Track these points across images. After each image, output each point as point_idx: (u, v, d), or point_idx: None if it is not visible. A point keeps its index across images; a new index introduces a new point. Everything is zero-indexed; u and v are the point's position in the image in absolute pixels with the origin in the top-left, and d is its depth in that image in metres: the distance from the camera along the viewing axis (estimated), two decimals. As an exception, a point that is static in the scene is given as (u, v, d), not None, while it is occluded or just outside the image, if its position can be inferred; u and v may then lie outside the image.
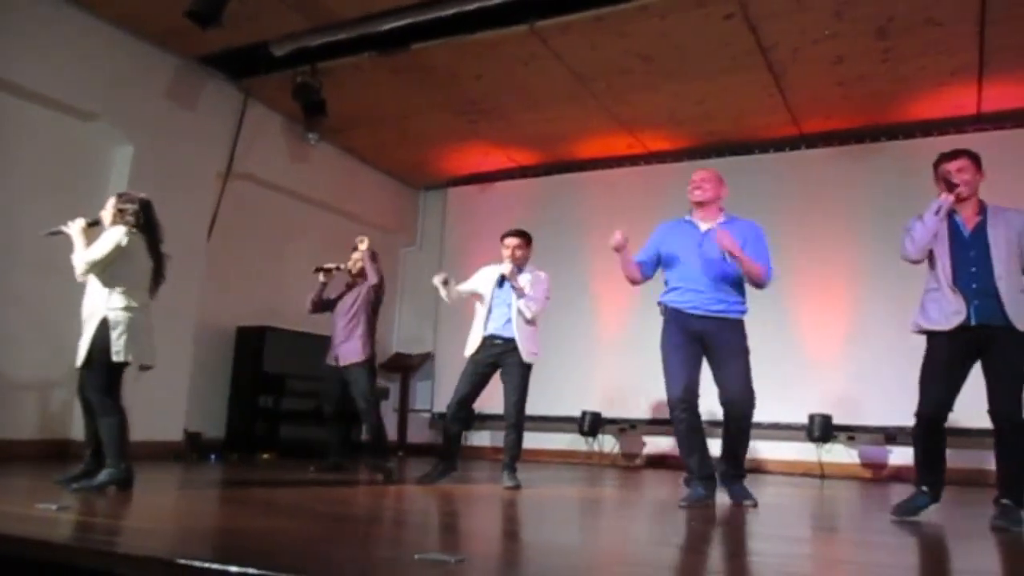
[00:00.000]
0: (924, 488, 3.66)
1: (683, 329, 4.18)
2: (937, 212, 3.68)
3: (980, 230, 3.67)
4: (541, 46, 6.46)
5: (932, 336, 3.69)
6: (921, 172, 4.16)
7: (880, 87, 6.90)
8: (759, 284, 4.18)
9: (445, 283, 5.10)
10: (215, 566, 2.01)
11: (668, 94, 7.23)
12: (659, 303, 4.33)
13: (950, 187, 3.68)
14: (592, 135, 8.31)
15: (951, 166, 3.74)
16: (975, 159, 3.76)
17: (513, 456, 5.01)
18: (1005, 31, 5.91)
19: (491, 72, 6.98)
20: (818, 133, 7.89)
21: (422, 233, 10.13)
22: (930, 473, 3.68)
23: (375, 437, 5.70)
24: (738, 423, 4.11)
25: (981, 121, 7.31)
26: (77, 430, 6.10)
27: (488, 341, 5.05)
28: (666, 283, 4.35)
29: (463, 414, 5.12)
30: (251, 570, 1.96)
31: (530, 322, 5.02)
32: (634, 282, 4.43)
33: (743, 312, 4.21)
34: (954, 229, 3.72)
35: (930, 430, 3.66)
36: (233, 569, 1.97)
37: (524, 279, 5.04)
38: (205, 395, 7.24)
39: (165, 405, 6.64)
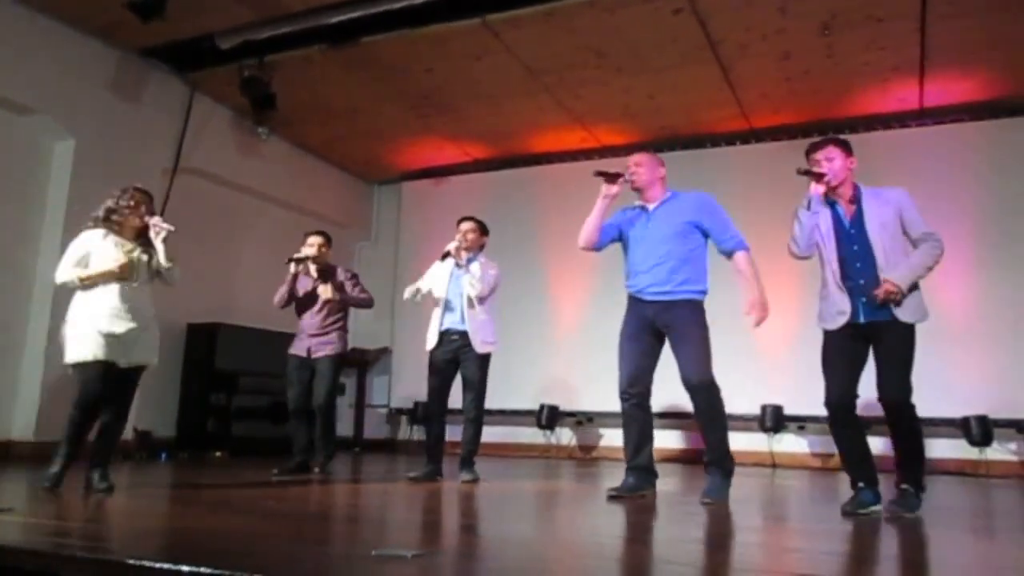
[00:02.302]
0: (861, 485, 3.63)
1: (638, 316, 4.14)
2: (808, 207, 3.71)
3: (858, 220, 3.66)
4: (493, 40, 6.45)
5: (825, 333, 3.73)
6: (866, 167, 4.22)
7: (825, 82, 7.04)
8: (748, 254, 4.11)
9: (416, 292, 5.07)
10: (166, 566, 1.97)
11: (620, 88, 7.28)
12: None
13: (817, 177, 3.68)
14: (545, 129, 8.33)
15: (818, 155, 3.73)
16: (842, 145, 3.74)
17: (471, 450, 5.00)
18: (945, 28, 6.07)
19: (443, 66, 6.95)
20: (767, 128, 8.02)
21: (377, 228, 10.06)
22: (859, 468, 3.65)
23: (328, 430, 5.59)
24: (698, 407, 4.02)
25: (923, 116, 7.51)
26: (19, 430, 6.00)
27: (446, 336, 5.02)
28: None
29: (439, 413, 5.07)
30: (204, 569, 1.93)
31: (483, 312, 4.98)
32: (586, 244, 4.28)
33: (697, 293, 4.09)
34: (838, 223, 3.70)
35: (840, 419, 3.66)
36: (185, 569, 1.94)
37: (475, 267, 5.02)
38: (155, 393, 7.08)
39: (113, 405, 6.51)
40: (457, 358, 5.00)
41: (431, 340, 5.07)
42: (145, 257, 4.14)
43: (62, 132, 6.34)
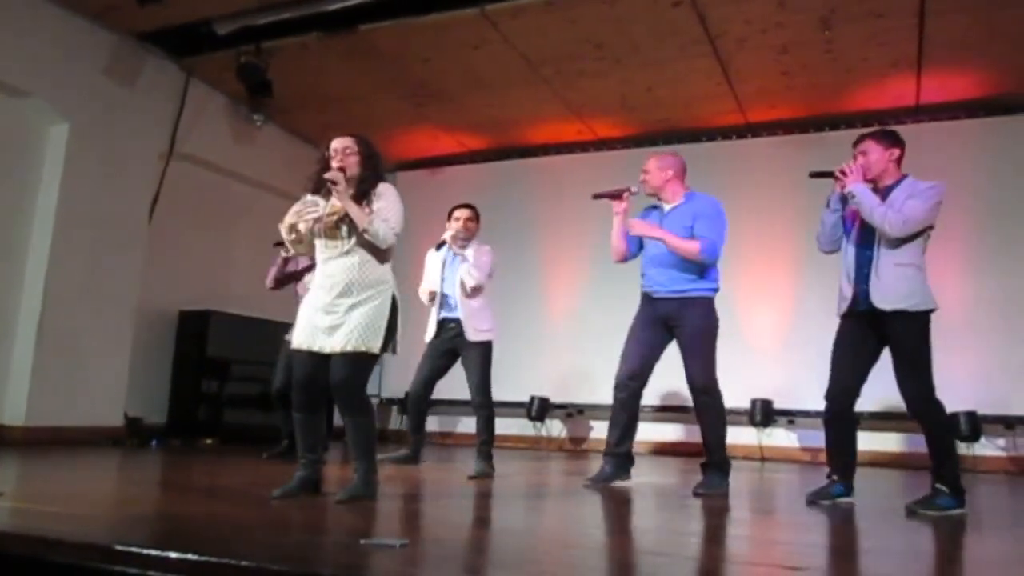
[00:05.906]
0: (834, 477, 3.68)
1: (649, 313, 4.24)
2: (828, 205, 3.76)
3: None
4: (491, 30, 6.43)
5: (839, 322, 3.78)
6: (861, 162, 4.24)
7: (823, 77, 7.03)
8: (698, 261, 4.12)
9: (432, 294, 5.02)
10: (154, 552, 1.97)
11: (617, 81, 7.26)
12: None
13: (829, 175, 3.71)
14: (542, 121, 8.31)
15: (855, 150, 3.76)
16: (879, 137, 3.73)
17: (482, 441, 4.86)
18: (943, 24, 6.06)
19: (440, 55, 6.92)
20: (763, 122, 8.01)
21: (370, 217, 10.02)
22: (837, 460, 3.70)
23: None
24: (700, 408, 4.15)
25: (920, 112, 7.51)
26: (10, 415, 5.98)
27: (443, 325, 4.97)
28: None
29: (423, 400, 5.04)
30: (191, 556, 1.93)
31: (477, 298, 4.92)
32: (618, 257, 4.41)
33: (707, 291, 4.17)
34: None
35: (835, 413, 3.69)
36: (172, 555, 1.94)
37: (468, 253, 4.96)
38: (146, 380, 7.09)
39: (105, 390, 6.51)
40: (455, 348, 4.95)
41: (430, 331, 5.04)
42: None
43: (56, 116, 6.29)
